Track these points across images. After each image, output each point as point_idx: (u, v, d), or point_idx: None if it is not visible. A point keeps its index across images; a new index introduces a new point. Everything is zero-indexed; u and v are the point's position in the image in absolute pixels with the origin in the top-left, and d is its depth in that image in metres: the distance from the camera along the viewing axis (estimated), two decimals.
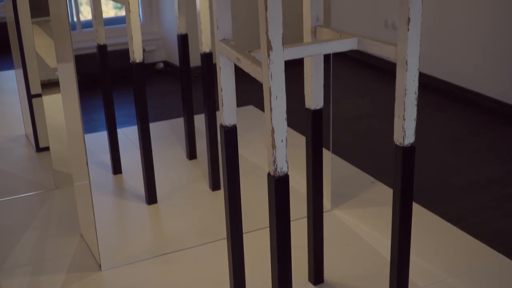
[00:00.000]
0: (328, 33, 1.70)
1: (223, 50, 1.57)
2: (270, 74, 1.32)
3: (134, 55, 2.28)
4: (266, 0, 1.26)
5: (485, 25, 3.48)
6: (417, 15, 1.44)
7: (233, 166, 1.68)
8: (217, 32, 1.58)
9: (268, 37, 1.29)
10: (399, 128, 1.53)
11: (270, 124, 1.36)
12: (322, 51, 1.58)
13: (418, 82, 1.50)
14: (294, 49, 1.53)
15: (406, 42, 1.45)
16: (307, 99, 1.82)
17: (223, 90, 1.62)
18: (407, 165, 1.57)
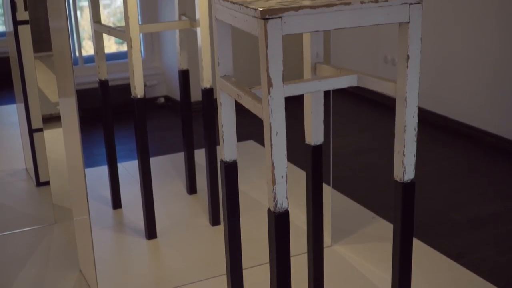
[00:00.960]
0: (328, 70, 1.71)
1: (224, 86, 1.58)
2: (270, 110, 1.33)
3: (135, 90, 2.30)
4: (267, 38, 1.28)
5: (485, 60, 3.50)
6: (416, 52, 1.46)
7: (233, 201, 1.68)
8: (218, 69, 1.60)
9: (269, 74, 1.30)
10: (399, 164, 1.54)
11: (270, 160, 1.36)
12: (322, 88, 1.59)
13: (417, 118, 1.51)
14: (294, 86, 1.54)
15: (405, 79, 1.47)
16: (307, 135, 1.83)
17: (223, 126, 1.63)
18: (407, 201, 1.57)
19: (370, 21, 1.40)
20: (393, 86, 1.52)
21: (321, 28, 1.36)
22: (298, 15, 1.31)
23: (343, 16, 1.37)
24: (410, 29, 1.43)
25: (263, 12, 1.28)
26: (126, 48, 2.26)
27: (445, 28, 3.72)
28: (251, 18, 1.34)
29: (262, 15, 1.28)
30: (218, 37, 1.57)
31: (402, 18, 1.43)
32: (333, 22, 1.36)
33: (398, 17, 1.42)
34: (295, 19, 1.31)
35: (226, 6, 1.48)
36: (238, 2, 1.41)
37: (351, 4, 1.36)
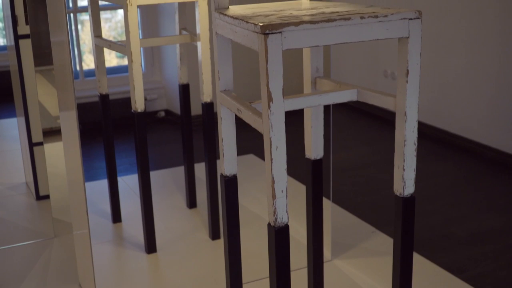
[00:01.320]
0: (328, 84, 1.72)
1: (224, 101, 1.59)
2: (270, 125, 1.33)
3: (136, 104, 2.30)
4: (267, 53, 1.29)
5: (485, 74, 3.51)
6: (415, 67, 1.46)
7: (233, 215, 1.68)
8: (218, 83, 1.60)
9: (269, 89, 1.31)
10: (398, 179, 1.54)
11: (270, 174, 1.36)
12: (322, 102, 1.59)
13: (417, 133, 1.51)
14: (295, 100, 1.55)
15: (405, 93, 1.47)
16: (307, 149, 1.83)
17: (223, 140, 1.63)
18: (407, 215, 1.57)
19: (369, 36, 1.41)
20: (392, 100, 1.52)
21: (321, 43, 1.36)
22: (298, 30, 1.32)
23: (343, 31, 1.37)
24: (410, 44, 1.44)
25: (263, 27, 1.28)
26: (127, 62, 2.27)
27: (445, 42, 3.74)
28: (251, 33, 1.35)
29: (262, 30, 1.28)
30: (218, 51, 1.58)
31: (401, 33, 1.43)
32: (333, 37, 1.37)
33: (398, 32, 1.43)
34: (295, 34, 1.32)
35: (226, 21, 1.49)
36: (238, 17, 1.42)
37: (351, 19, 1.37)
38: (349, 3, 1.61)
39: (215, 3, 1.56)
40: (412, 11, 1.44)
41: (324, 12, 1.46)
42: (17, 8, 2.79)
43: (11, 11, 2.81)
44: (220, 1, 1.56)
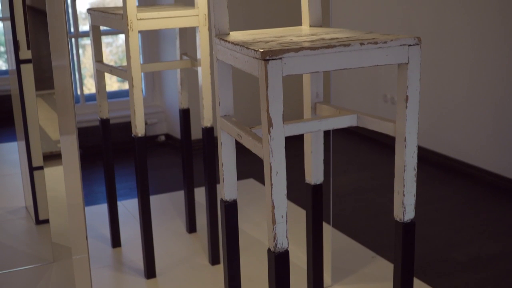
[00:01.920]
0: (327, 110, 1.73)
1: (224, 126, 1.59)
2: (270, 150, 1.34)
3: (136, 129, 2.31)
4: (267, 79, 1.29)
5: (484, 99, 3.53)
6: (415, 93, 1.47)
7: (233, 240, 1.68)
8: (219, 108, 1.61)
9: (269, 114, 1.31)
10: (399, 204, 1.54)
11: (270, 199, 1.36)
12: (321, 128, 1.60)
13: (417, 159, 1.52)
14: (295, 126, 1.56)
15: (404, 119, 1.48)
16: (307, 174, 1.83)
17: (224, 165, 1.63)
18: (407, 240, 1.57)
19: (369, 62, 1.42)
20: (392, 126, 1.53)
21: (321, 69, 1.37)
22: (298, 56, 1.33)
23: (343, 57, 1.38)
24: (409, 70, 1.45)
25: (263, 53, 1.29)
26: (128, 86, 2.28)
27: (445, 67, 3.75)
28: (251, 59, 1.36)
29: (262, 56, 1.29)
30: (218, 77, 1.59)
31: (400, 59, 1.44)
32: (332, 63, 1.38)
33: (397, 58, 1.44)
34: (295, 60, 1.33)
35: (227, 47, 1.50)
36: (239, 43, 1.43)
37: (351, 46, 1.38)
38: (348, 29, 1.62)
39: (216, 29, 1.57)
40: (412, 37, 1.45)
41: (324, 38, 1.47)
42: (18, 33, 2.81)
43: (12, 35, 2.83)
44: (220, 27, 1.57)
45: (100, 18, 2.44)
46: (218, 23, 1.57)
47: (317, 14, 1.73)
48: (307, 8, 1.73)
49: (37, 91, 2.77)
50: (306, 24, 1.75)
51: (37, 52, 2.78)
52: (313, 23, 1.73)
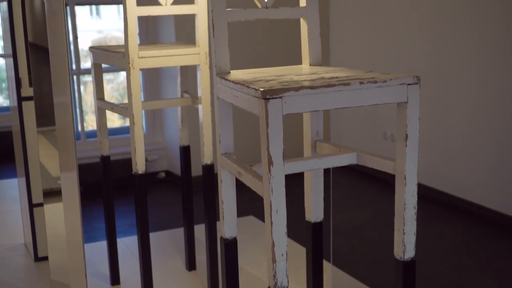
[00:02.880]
0: (327, 148, 1.73)
1: (224, 164, 1.60)
2: (271, 188, 1.34)
3: (136, 166, 2.31)
4: (268, 118, 1.30)
5: (485, 136, 3.54)
6: (414, 131, 1.48)
7: (233, 278, 1.67)
8: (219, 146, 1.61)
9: (269, 152, 1.32)
10: (399, 243, 1.54)
11: (270, 238, 1.36)
12: (321, 166, 1.60)
13: (417, 197, 1.52)
14: (295, 164, 1.56)
15: (404, 157, 1.48)
16: (307, 212, 1.83)
17: (224, 203, 1.63)
18: (407, 279, 1.56)
19: (368, 101, 1.43)
20: (392, 164, 1.53)
21: (321, 108, 1.38)
22: (298, 95, 1.34)
23: (343, 96, 1.39)
24: (408, 109, 1.46)
25: (264, 92, 1.30)
26: (129, 123, 2.29)
27: (445, 105, 3.77)
28: (252, 98, 1.37)
29: (263, 95, 1.30)
30: (219, 115, 1.60)
31: (400, 98, 1.45)
32: (332, 102, 1.39)
33: (396, 97, 1.45)
34: (295, 99, 1.34)
35: (227, 85, 1.52)
36: (239, 82, 1.44)
37: (350, 85, 1.39)
38: (348, 68, 1.64)
39: (217, 68, 1.59)
40: (411, 76, 1.46)
41: (324, 77, 1.48)
42: (21, 70, 2.83)
43: (15, 72, 2.85)
44: (221, 66, 1.59)
45: (102, 56, 2.46)
46: (219, 62, 1.58)
47: (317, 53, 1.75)
48: (307, 47, 1.75)
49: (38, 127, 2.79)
50: (306, 63, 1.76)
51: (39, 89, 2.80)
52: (313, 62, 1.75)
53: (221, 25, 1.58)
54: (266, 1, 1.68)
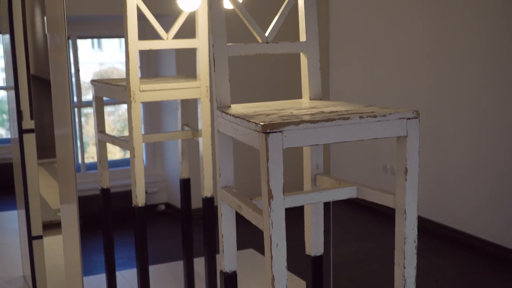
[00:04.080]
0: (327, 181, 1.74)
1: (224, 197, 1.60)
2: (271, 222, 1.34)
3: (136, 199, 2.31)
4: (268, 152, 1.31)
5: (484, 170, 3.54)
6: (414, 165, 1.48)
7: None
8: (219, 180, 1.62)
9: (269, 186, 1.32)
10: (399, 277, 1.53)
11: (270, 272, 1.36)
12: (321, 199, 1.60)
13: (417, 231, 1.52)
14: (295, 197, 1.56)
15: (404, 191, 1.49)
16: (307, 246, 1.83)
17: (224, 237, 1.63)
18: None
19: (368, 135, 1.44)
20: (392, 198, 1.53)
21: (321, 142, 1.39)
22: (299, 129, 1.35)
23: (342, 130, 1.40)
24: (408, 143, 1.47)
25: (264, 126, 1.31)
26: (129, 155, 2.30)
27: (445, 138, 3.78)
28: (252, 132, 1.38)
29: (263, 129, 1.31)
30: (219, 149, 1.60)
31: (399, 132, 1.46)
32: (332, 136, 1.40)
33: (396, 131, 1.46)
34: (295, 133, 1.35)
35: (228, 119, 1.52)
36: (240, 116, 1.45)
37: (350, 119, 1.40)
38: (348, 102, 1.65)
39: (218, 102, 1.60)
40: (410, 110, 1.47)
41: (324, 111, 1.49)
42: (22, 103, 2.84)
43: (16, 105, 2.86)
44: (222, 100, 1.60)
45: (103, 90, 2.48)
46: (219, 96, 1.60)
47: (317, 87, 1.77)
48: (307, 81, 1.76)
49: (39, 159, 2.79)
50: (306, 97, 1.77)
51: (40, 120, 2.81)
52: (313, 96, 1.76)
53: (222, 59, 1.59)
54: (266, 36, 1.69)
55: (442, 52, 3.75)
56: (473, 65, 3.54)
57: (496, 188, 3.46)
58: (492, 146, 3.46)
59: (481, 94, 3.51)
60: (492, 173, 3.48)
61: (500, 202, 3.44)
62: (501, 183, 3.43)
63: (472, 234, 3.62)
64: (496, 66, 3.41)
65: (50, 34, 2.13)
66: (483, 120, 3.51)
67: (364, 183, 1.67)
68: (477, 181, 3.58)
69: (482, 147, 3.52)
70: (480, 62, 3.50)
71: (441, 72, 3.76)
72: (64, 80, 2.05)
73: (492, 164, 3.47)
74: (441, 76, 3.77)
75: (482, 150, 3.52)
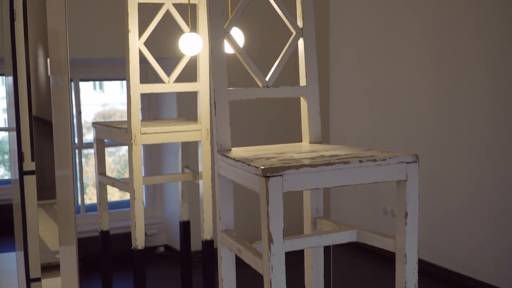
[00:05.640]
0: (328, 225, 1.73)
1: (224, 240, 1.60)
2: (271, 266, 1.34)
3: (136, 242, 2.31)
4: (268, 196, 1.31)
5: (484, 213, 3.53)
6: (414, 209, 1.48)
7: None
8: (219, 223, 1.62)
9: (269, 230, 1.32)
10: None
11: None
12: (322, 243, 1.60)
13: (417, 275, 1.51)
14: (295, 241, 1.56)
15: (404, 235, 1.48)
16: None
17: (223, 280, 1.62)
18: None
19: (368, 179, 1.44)
20: (392, 242, 1.53)
21: (321, 185, 1.39)
22: (299, 173, 1.35)
23: (342, 174, 1.41)
24: (408, 187, 1.47)
25: (264, 170, 1.32)
26: (129, 196, 2.30)
27: (444, 181, 3.78)
28: (252, 176, 1.38)
29: (263, 173, 1.32)
30: (220, 192, 1.61)
31: (399, 176, 1.47)
32: (332, 180, 1.40)
33: (396, 175, 1.46)
34: (295, 177, 1.35)
35: (228, 163, 1.53)
36: (240, 159, 1.46)
37: (350, 163, 1.41)
38: (347, 146, 1.66)
39: (218, 145, 1.61)
40: (409, 154, 1.48)
41: (324, 155, 1.50)
42: (24, 144, 2.85)
43: (17, 146, 2.87)
44: (223, 143, 1.61)
45: (105, 132, 2.49)
46: (220, 139, 1.61)
47: (317, 131, 1.78)
48: (307, 125, 1.77)
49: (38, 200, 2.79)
50: (306, 141, 1.78)
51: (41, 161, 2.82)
52: (313, 140, 1.77)
53: (222, 103, 1.61)
54: (267, 80, 1.71)
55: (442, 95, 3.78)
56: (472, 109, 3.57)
57: (496, 231, 3.45)
58: (492, 188, 3.46)
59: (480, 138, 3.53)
60: (492, 216, 3.47)
61: (501, 246, 3.43)
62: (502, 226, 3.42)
63: (473, 277, 3.60)
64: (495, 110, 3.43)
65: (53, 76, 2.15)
66: (483, 163, 3.51)
67: (364, 226, 1.67)
68: (477, 223, 3.57)
69: (482, 189, 3.52)
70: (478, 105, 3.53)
71: (441, 115, 3.79)
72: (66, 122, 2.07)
73: (492, 207, 3.47)
74: (441, 119, 3.79)
75: (482, 192, 3.52)
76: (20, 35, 2.76)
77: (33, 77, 2.80)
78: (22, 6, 2.76)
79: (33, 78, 2.80)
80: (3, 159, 5.51)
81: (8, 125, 3.26)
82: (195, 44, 2.27)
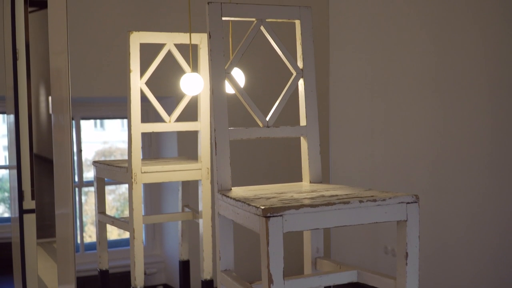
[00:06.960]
0: (328, 265, 1.73)
1: (224, 281, 1.59)
2: None
3: (135, 281, 2.29)
4: (268, 236, 1.31)
5: (484, 251, 3.52)
6: (414, 249, 1.48)
7: None
8: (219, 263, 1.61)
9: (269, 271, 1.32)
10: None
11: None
12: (322, 283, 1.59)
13: None
14: (295, 282, 1.55)
15: (405, 276, 1.48)
16: None
17: None
18: None
19: (368, 219, 1.44)
20: (393, 283, 1.52)
21: (321, 226, 1.39)
22: (299, 213, 1.35)
23: (342, 214, 1.41)
24: (408, 227, 1.47)
25: (264, 210, 1.32)
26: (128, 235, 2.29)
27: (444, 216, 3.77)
28: (253, 216, 1.39)
29: (263, 213, 1.32)
30: (220, 232, 1.60)
31: (399, 216, 1.47)
32: (332, 220, 1.40)
33: (396, 215, 1.46)
34: (295, 217, 1.35)
35: (229, 202, 1.53)
36: (240, 199, 1.46)
37: (350, 203, 1.41)
38: (347, 186, 1.66)
39: (218, 185, 1.61)
40: (409, 195, 1.48)
41: (324, 195, 1.50)
42: (24, 183, 2.85)
43: (18, 184, 2.87)
44: (223, 183, 1.61)
45: (105, 171, 2.49)
46: (220, 179, 1.61)
47: (317, 171, 1.78)
48: (307, 165, 1.78)
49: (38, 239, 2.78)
50: (306, 180, 1.79)
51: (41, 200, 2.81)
52: (313, 179, 1.77)
53: (223, 143, 1.62)
54: (267, 120, 1.72)
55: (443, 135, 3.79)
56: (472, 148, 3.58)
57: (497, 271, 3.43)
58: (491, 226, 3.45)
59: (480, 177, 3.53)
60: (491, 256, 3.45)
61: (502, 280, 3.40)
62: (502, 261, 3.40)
63: None
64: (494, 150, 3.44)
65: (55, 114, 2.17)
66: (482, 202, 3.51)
67: (365, 265, 1.66)
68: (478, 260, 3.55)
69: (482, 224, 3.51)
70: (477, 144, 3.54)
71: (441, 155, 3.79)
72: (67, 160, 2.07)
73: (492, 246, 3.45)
74: (441, 158, 3.79)
75: (482, 231, 3.51)
76: (22, 74, 2.79)
77: (35, 115, 2.82)
78: (25, 45, 2.79)
79: (35, 116, 2.81)
80: (3, 197, 5.50)
81: (9, 163, 3.26)
82: (196, 84, 2.29)
